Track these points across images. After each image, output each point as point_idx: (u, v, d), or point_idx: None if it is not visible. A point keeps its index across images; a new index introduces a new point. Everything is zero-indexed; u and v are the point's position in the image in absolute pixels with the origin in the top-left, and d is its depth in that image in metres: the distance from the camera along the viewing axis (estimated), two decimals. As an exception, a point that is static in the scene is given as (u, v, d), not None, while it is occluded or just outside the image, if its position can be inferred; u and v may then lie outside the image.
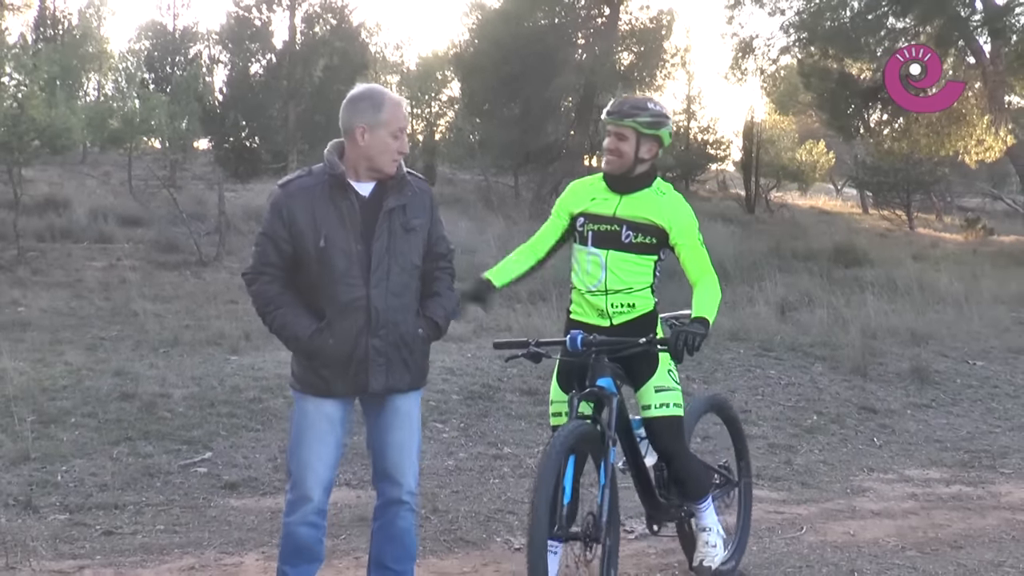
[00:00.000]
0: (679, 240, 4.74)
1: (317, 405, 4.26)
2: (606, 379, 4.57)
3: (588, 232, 4.81)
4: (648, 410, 4.82)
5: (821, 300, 14.36)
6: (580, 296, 4.87)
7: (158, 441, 7.56)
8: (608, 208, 4.80)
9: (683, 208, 4.80)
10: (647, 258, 4.78)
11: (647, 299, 4.82)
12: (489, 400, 9.04)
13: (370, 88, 4.32)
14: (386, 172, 4.26)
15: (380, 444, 4.39)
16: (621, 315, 4.77)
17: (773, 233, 25.90)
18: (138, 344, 11.24)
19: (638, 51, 33.25)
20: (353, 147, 4.24)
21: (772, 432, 8.72)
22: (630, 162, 4.78)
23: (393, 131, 4.22)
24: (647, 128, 4.75)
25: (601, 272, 4.77)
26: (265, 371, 9.79)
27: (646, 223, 4.74)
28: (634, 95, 5.01)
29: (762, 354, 11.48)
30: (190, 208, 22.45)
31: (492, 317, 12.78)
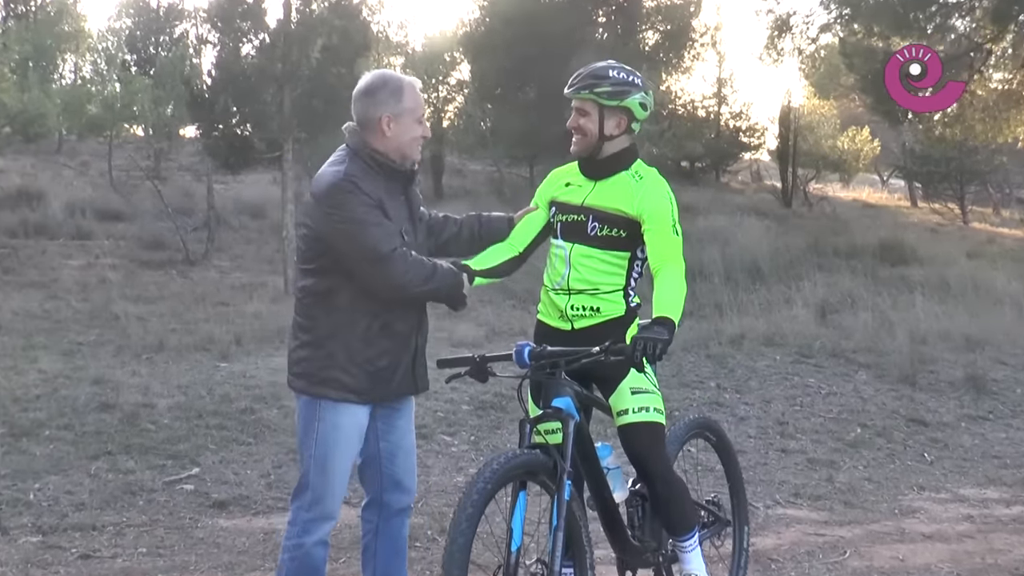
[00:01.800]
0: (649, 226, 4.48)
1: (352, 415, 4.32)
2: (563, 399, 4.28)
3: (558, 223, 4.67)
4: (624, 415, 4.53)
5: (865, 301, 14.31)
6: (545, 294, 4.67)
7: (140, 456, 7.56)
8: (578, 196, 4.63)
9: (659, 192, 4.55)
10: (617, 255, 4.55)
11: (616, 303, 4.56)
12: (502, 411, 9.03)
13: (382, 75, 4.41)
14: (414, 158, 4.43)
15: (392, 451, 4.52)
16: (582, 319, 4.56)
17: (812, 228, 25.81)
18: (119, 350, 11.25)
19: (664, 30, 33.24)
20: (379, 139, 4.33)
21: (812, 446, 8.68)
22: (594, 140, 4.57)
23: (418, 116, 4.38)
24: (609, 99, 4.53)
25: (565, 268, 4.59)
26: (258, 379, 9.80)
27: (615, 213, 4.53)
28: (597, 63, 4.75)
29: (800, 361, 11.44)
30: (176, 201, 22.50)
31: (505, 320, 12.80)
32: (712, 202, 29.28)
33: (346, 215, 4.15)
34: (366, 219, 4.15)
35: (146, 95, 28.03)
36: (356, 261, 4.19)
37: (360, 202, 4.16)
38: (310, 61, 16.67)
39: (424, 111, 4.45)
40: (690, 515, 4.72)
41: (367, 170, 4.27)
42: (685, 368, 11.04)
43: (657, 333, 4.11)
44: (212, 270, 17.95)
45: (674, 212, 4.54)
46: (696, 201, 28.98)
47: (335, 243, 4.20)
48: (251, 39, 17.20)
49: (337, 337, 4.27)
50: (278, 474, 7.33)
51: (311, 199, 4.33)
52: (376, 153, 4.31)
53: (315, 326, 4.31)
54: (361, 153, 4.31)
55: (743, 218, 24.51)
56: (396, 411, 4.50)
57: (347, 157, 4.31)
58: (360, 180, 4.21)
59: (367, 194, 4.18)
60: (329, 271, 4.26)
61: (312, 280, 4.32)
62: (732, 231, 21.38)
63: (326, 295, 4.29)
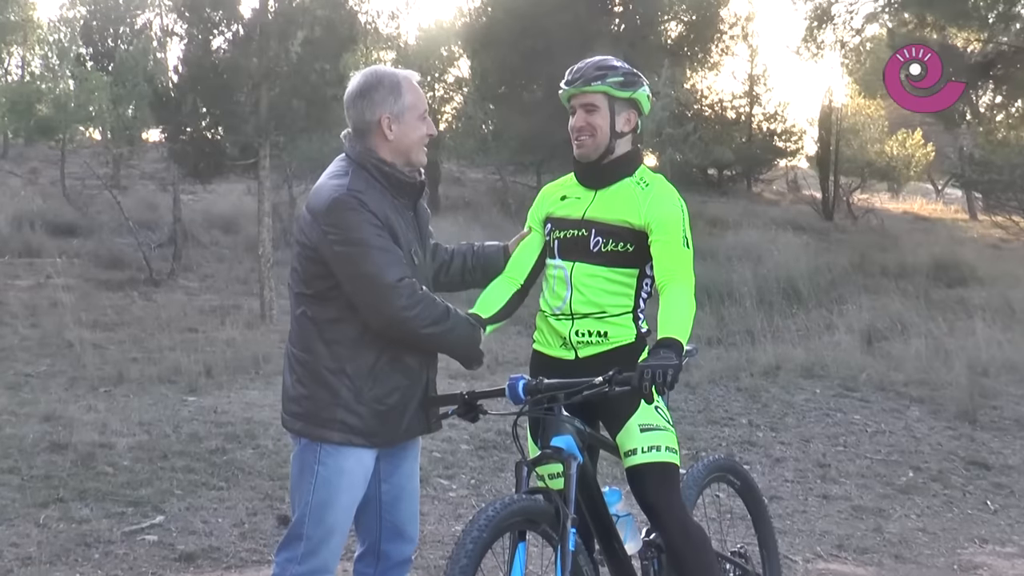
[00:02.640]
0: (656, 237, 4.48)
1: (358, 460, 4.32)
2: (564, 437, 4.28)
3: (554, 240, 4.66)
4: (633, 456, 4.50)
5: (917, 327, 14.30)
6: (543, 320, 4.67)
7: (97, 503, 7.55)
8: (578, 209, 4.63)
9: (668, 200, 4.55)
10: (625, 272, 4.56)
11: (626, 327, 4.57)
12: (505, 451, 9.01)
13: (375, 72, 4.42)
14: (420, 162, 4.44)
15: (395, 495, 4.53)
16: (588, 346, 4.56)
17: (856, 244, 25.82)
18: (73, 382, 11.25)
19: (689, 20, 33.40)
20: (381, 144, 4.34)
21: (857, 492, 8.66)
22: (607, 139, 4.57)
23: (420, 112, 4.38)
24: (622, 90, 4.57)
25: (566, 290, 4.57)
26: (231, 415, 9.79)
27: (620, 226, 4.53)
28: (594, 57, 4.71)
29: (844, 394, 11.42)
30: (138, 214, 22.56)
31: (510, 349, 12.80)
32: (743, 215, 29.33)
33: (347, 236, 4.14)
34: (370, 241, 4.13)
35: (104, 94, 28.18)
36: (355, 289, 4.18)
37: (364, 221, 4.15)
38: (290, 56, 16.71)
39: (427, 106, 4.46)
40: (711, 569, 4.64)
41: (372, 183, 4.27)
42: (713, 403, 11.03)
43: (664, 358, 4.10)
44: (179, 291, 17.97)
45: (685, 222, 4.54)
46: (725, 214, 29.05)
47: (333, 266, 4.19)
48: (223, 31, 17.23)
49: (341, 372, 4.26)
50: (253, 523, 7.32)
51: (307, 215, 4.30)
52: (383, 163, 4.30)
53: (315, 360, 4.29)
54: (366, 164, 4.30)
55: (778, 233, 24.53)
56: (402, 450, 4.51)
57: (349, 169, 4.30)
58: (365, 195, 4.19)
59: (373, 212, 4.17)
60: (330, 297, 4.25)
61: (311, 307, 4.31)
62: (766, 248, 21.38)
63: (328, 325, 4.27)
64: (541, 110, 29.37)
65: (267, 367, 12.04)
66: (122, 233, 20.52)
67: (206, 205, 26.55)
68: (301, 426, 4.33)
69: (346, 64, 19.86)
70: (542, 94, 30.13)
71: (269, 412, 9.82)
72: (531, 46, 29.09)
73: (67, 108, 28.88)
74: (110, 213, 22.35)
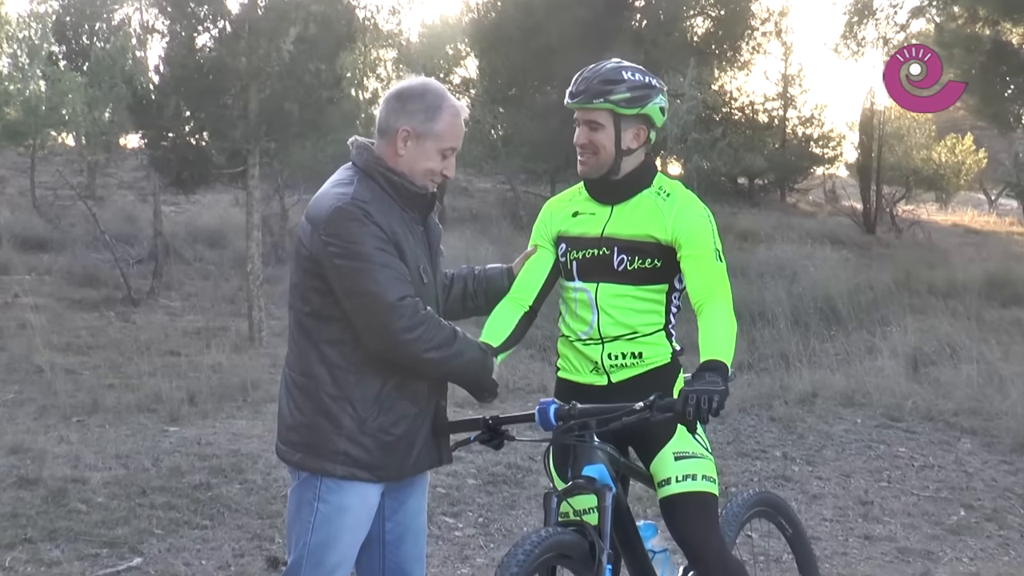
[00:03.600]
0: (686, 252, 4.54)
1: (362, 496, 4.31)
2: (596, 466, 4.31)
3: (572, 261, 4.69)
4: (667, 486, 4.55)
5: (968, 351, 14.25)
6: (568, 346, 4.73)
7: (69, 543, 7.55)
8: (594, 226, 4.67)
9: (694, 211, 4.61)
10: (654, 289, 4.62)
11: (660, 346, 4.64)
12: (516, 485, 9.01)
13: (426, 85, 4.42)
14: (423, 190, 4.40)
15: (400, 533, 4.54)
16: (622, 370, 4.61)
17: (901, 260, 25.79)
18: (43, 411, 11.27)
19: (717, 16, 33.43)
20: (391, 154, 4.35)
21: (903, 532, 8.63)
22: (611, 158, 4.61)
23: (444, 149, 4.38)
24: (628, 107, 4.57)
25: (592, 313, 4.62)
26: (216, 447, 9.80)
27: (645, 241, 4.58)
28: (603, 64, 4.68)
29: (887, 425, 11.39)
30: (115, 227, 22.60)
31: (521, 374, 12.80)
32: (777, 227, 29.31)
33: (348, 248, 4.14)
34: (372, 256, 4.14)
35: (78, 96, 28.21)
36: (354, 307, 4.18)
37: (368, 234, 4.15)
38: (281, 55, 16.72)
39: (457, 146, 4.43)
40: None
41: (380, 194, 4.28)
42: (744, 433, 11.01)
43: (711, 383, 4.12)
44: (159, 312, 17.99)
45: (714, 233, 4.59)
46: (756, 226, 29.03)
47: (332, 281, 4.19)
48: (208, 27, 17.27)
49: (343, 399, 4.25)
50: (240, 565, 7.32)
51: (307, 224, 4.30)
52: (391, 173, 4.31)
53: (315, 385, 4.29)
54: (373, 172, 4.31)
55: (815, 247, 24.49)
56: (409, 485, 4.51)
57: (355, 177, 4.31)
58: (371, 206, 4.20)
59: (378, 224, 4.17)
60: (330, 316, 4.25)
61: (310, 326, 4.32)
62: (801, 263, 21.37)
63: (328, 346, 4.27)
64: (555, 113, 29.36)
65: (256, 394, 12.05)
66: (98, 248, 20.55)
67: (190, 217, 26.60)
68: (300, 458, 4.32)
69: (343, 64, 19.94)
70: (556, 96, 30.08)
71: (258, 443, 9.83)
72: (544, 44, 29.12)
73: (38, 111, 28.92)
74: (84, 226, 22.42)
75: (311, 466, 4.29)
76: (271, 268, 19.92)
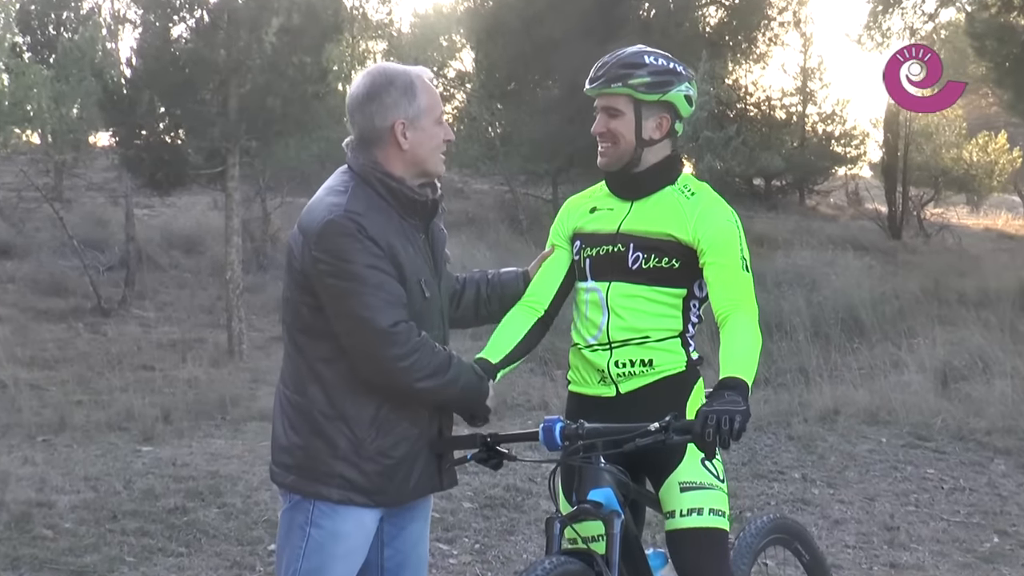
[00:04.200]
0: (710, 258, 4.49)
1: (358, 522, 4.31)
2: (603, 490, 4.26)
3: (585, 259, 4.67)
4: (672, 519, 4.53)
5: (1002, 365, 14.25)
6: (577, 355, 4.68)
7: (34, 572, 7.55)
8: (611, 222, 4.65)
9: (720, 213, 4.59)
10: (669, 292, 4.57)
11: (674, 354, 4.58)
12: (515, 509, 9.00)
13: (384, 71, 4.42)
14: (437, 172, 4.46)
15: (400, 562, 4.54)
16: (631, 379, 4.56)
17: (929, 267, 25.81)
18: (6, 429, 11.25)
19: (731, 4, 33.50)
20: (393, 155, 4.34)
21: (932, 561, 8.63)
22: (631, 148, 4.59)
23: (437, 116, 4.40)
24: (649, 92, 4.54)
25: (602, 315, 4.59)
26: (193, 468, 9.79)
27: (664, 239, 4.54)
28: (625, 49, 4.64)
29: (915, 444, 11.39)
30: (84, 232, 22.60)
31: (521, 389, 12.80)
32: (795, 232, 29.31)
33: (340, 267, 4.13)
34: (364, 277, 4.13)
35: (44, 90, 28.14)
36: (344, 330, 4.19)
37: (361, 251, 4.14)
38: (263, 47, 16.72)
39: (442, 108, 4.49)
40: None
41: (376, 203, 4.27)
42: (760, 453, 11.01)
43: (731, 402, 4.06)
44: (132, 323, 17.99)
45: (742, 240, 4.56)
46: (774, 231, 29.02)
47: (322, 299, 4.19)
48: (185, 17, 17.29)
49: (339, 419, 4.24)
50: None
51: (299, 234, 4.29)
52: (389, 178, 4.30)
53: (309, 404, 4.28)
54: (370, 178, 4.30)
55: (836, 254, 24.51)
56: (409, 510, 4.50)
57: (351, 184, 4.30)
58: (365, 218, 4.18)
59: (373, 239, 4.16)
60: (324, 332, 4.25)
61: (303, 343, 4.31)
62: (822, 271, 21.37)
63: (322, 364, 4.26)
64: (558, 110, 29.44)
65: (236, 411, 12.05)
66: (65, 254, 20.57)
67: (165, 221, 26.60)
68: (293, 480, 4.31)
69: (329, 57, 19.90)
70: (559, 91, 30.16)
71: (237, 465, 9.83)
72: (546, 35, 29.14)
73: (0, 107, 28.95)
74: (51, 231, 22.42)
75: (304, 489, 4.28)
76: (252, 276, 19.95)
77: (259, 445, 10.28)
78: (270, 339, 16.59)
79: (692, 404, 4.51)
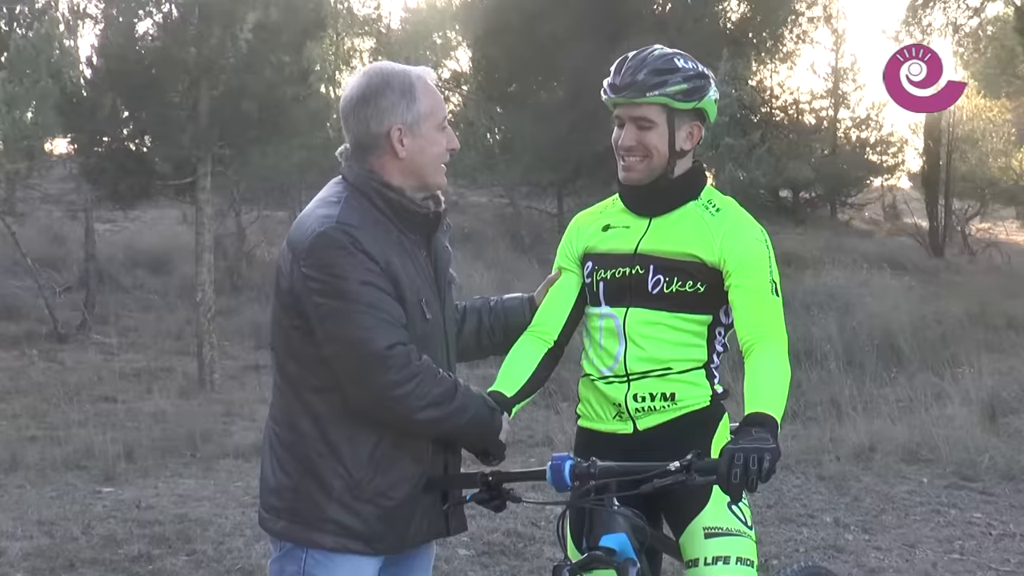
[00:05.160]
0: (736, 280, 4.47)
1: (357, 570, 4.27)
2: (617, 536, 4.17)
3: (599, 282, 4.63)
4: (695, 568, 4.50)
5: (1056, 398, 14.28)
6: (590, 387, 4.68)
7: (-16, 625, 7.56)
8: (628, 241, 4.60)
9: (748, 232, 4.58)
10: (694, 319, 4.54)
11: (698, 387, 4.56)
12: (517, 557, 8.99)
13: (381, 71, 4.37)
14: (438, 184, 4.40)
15: None
16: (651, 415, 4.53)
17: (975, 289, 25.81)
18: (-47, 468, 11.27)
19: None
20: (390, 164, 4.30)
21: (978, 614, 8.63)
22: (663, 162, 4.54)
23: (439, 122, 4.35)
24: (686, 100, 4.50)
25: (618, 344, 4.56)
26: (158, 511, 9.78)
27: (688, 260, 4.51)
28: (646, 51, 4.52)
29: (960, 485, 11.38)
30: (39, 249, 22.61)
31: (523, 423, 12.80)
32: (826, 250, 29.35)
33: (331, 284, 4.10)
34: (358, 295, 4.09)
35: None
36: (335, 353, 4.14)
37: (355, 266, 4.10)
38: (238, 45, 16.76)
39: (446, 112, 4.46)
40: None
41: (374, 215, 4.22)
42: (788, 495, 11.00)
43: (760, 440, 4.01)
44: (92, 350, 17.99)
45: (772, 262, 4.54)
46: (802, 248, 29.02)
47: (312, 320, 4.15)
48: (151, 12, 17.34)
49: (333, 457, 4.19)
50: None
51: (287, 250, 4.25)
52: (388, 189, 4.26)
53: (301, 440, 4.24)
54: (366, 189, 4.25)
55: (872, 274, 24.52)
56: (411, 558, 4.49)
57: (344, 195, 4.26)
58: (360, 231, 4.13)
59: (368, 253, 4.11)
60: (317, 360, 4.19)
61: (294, 372, 4.27)
62: (856, 293, 21.37)
63: (314, 395, 4.22)
64: (564, 115, 29.44)
65: (207, 448, 12.05)
66: (18, 274, 20.59)
67: (128, 237, 26.61)
68: (283, 526, 4.27)
69: (310, 56, 19.94)
70: (565, 94, 30.19)
71: (209, 507, 9.82)
72: (550, 32, 29.16)
73: (-54, 112, 29.04)
74: (2, 248, 22.41)
75: (296, 536, 4.24)
76: (225, 298, 19.95)
77: (232, 485, 10.29)
78: (244, 368, 16.61)
79: (717, 442, 4.50)
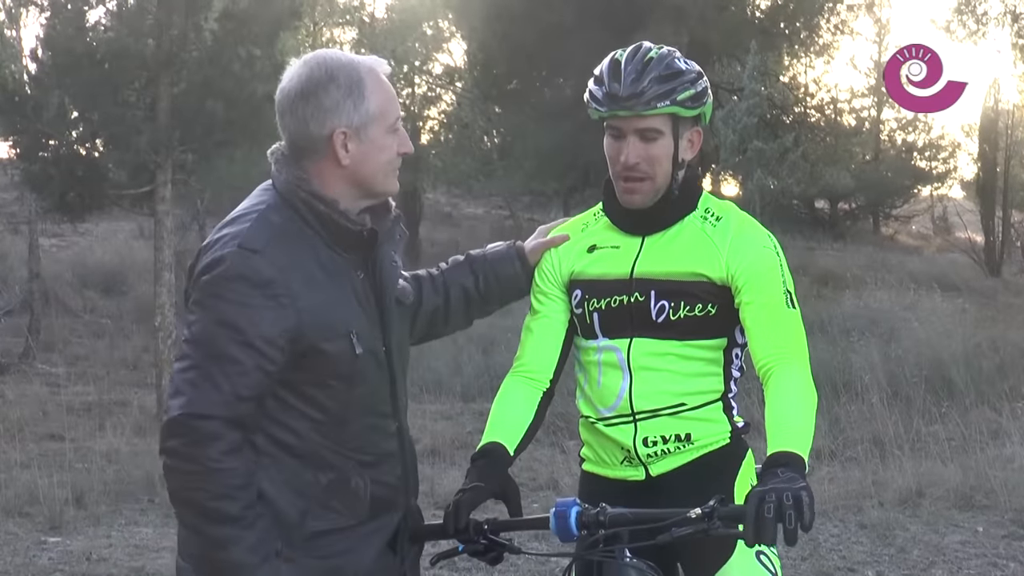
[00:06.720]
0: (748, 297, 4.40)
1: None
2: None
3: (592, 313, 4.56)
4: None
5: None
6: (590, 430, 4.66)
7: None
8: (620, 264, 4.54)
9: (756, 241, 4.52)
10: (708, 346, 4.51)
11: (716, 423, 4.55)
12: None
13: (325, 61, 4.18)
14: (388, 192, 4.27)
15: None
16: (665, 459, 4.52)
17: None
18: None
19: (787, -17, 33.56)
20: (329, 171, 4.14)
21: None
22: (668, 177, 4.50)
23: (390, 124, 4.18)
24: (693, 106, 4.48)
25: (622, 380, 4.51)
26: (112, 564, 9.80)
27: (693, 280, 4.45)
28: (639, 53, 4.40)
29: (1020, 535, 11.38)
30: (-23, 267, 22.65)
31: (521, 465, 12.79)
32: (868, 268, 29.41)
33: (204, 315, 3.97)
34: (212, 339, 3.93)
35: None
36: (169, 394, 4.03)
37: (239, 302, 3.93)
38: (202, 37, 16.81)
39: (400, 111, 4.26)
40: None
41: (295, 231, 4.08)
42: (824, 545, 11.01)
43: (788, 480, 3.89)
44: (36, 381, 18.01)
45: (784, 270, 4.47)
46: (841, 266, 29.10)
47: None
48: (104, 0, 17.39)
49: (265, 499, 4.04)
50: None
51: None
52: (318, 201, 4.08)
53: None
54: (293, 200, 4.10)
55: (920, 295, 24.55)
56: None
57: (263, 207, 4.13)
58: (267, 255, 3.96)
59: (269, 282, 3.94)
60: None
61: None
62: (902, 317, 21.40)
63: None
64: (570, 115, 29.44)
65: (166, 492, 12.03)
66: (-46, 295, 20.61)
67: (78, 254, 26.68)
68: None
69: (284, 48, 19.95)
70: (571, 91, 30.19)
71: (168, 558, 9.82)
72: (555, 22, 29.21)
73: None
74: (-63, 266, 22.49)
75: None
76: (187, 322, 19.95)
77: (195, 535, 10.29)
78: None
79: (740, 483, 4.49)
